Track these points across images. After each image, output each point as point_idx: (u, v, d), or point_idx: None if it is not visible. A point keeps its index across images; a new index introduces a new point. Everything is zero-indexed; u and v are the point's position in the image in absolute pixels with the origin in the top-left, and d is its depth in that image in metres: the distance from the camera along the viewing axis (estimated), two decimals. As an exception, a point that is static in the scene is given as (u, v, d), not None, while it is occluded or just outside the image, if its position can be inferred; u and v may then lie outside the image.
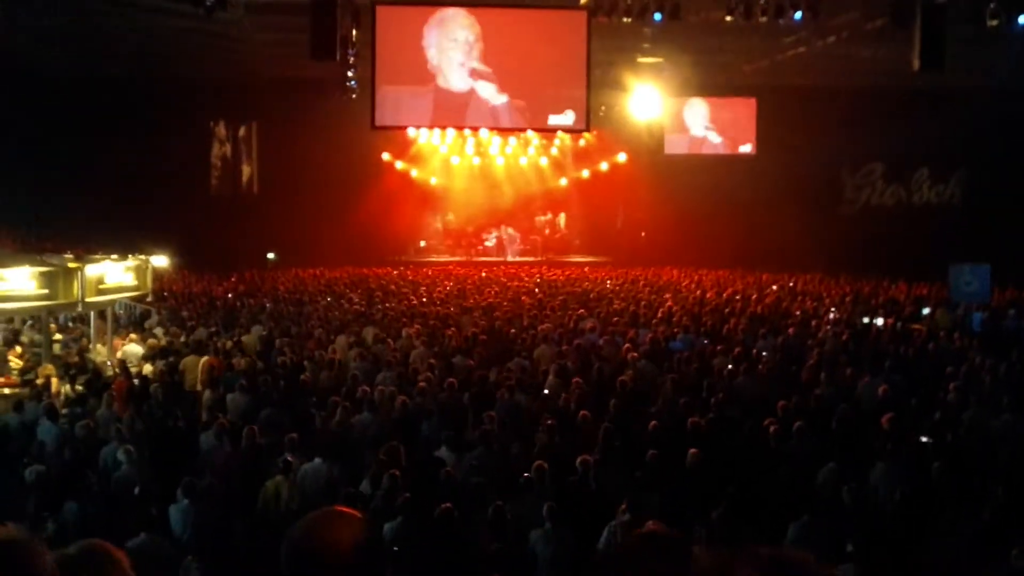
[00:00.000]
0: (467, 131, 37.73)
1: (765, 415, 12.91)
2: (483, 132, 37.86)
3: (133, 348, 19.34)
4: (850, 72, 33.56)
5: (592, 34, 27.05)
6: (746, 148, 40.77)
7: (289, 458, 11.28)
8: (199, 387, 16.08)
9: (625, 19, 25.24)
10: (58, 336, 19.98)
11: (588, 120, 28.87)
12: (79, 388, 16.01)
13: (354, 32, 25.76)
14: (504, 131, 36.19)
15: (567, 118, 28.89)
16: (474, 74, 28.75)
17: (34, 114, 33.26)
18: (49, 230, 33.38)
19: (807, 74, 34.43)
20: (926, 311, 23.69)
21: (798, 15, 24.54)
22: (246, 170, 43.80)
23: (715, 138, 41.22)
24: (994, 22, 23.01)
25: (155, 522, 9.35)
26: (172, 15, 25.64)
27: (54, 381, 16.22)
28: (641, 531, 3.11)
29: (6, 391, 16.52)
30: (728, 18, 24.89)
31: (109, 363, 18.29)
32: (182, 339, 19.67)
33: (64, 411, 14.28)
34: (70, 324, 21.22)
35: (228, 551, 9.10)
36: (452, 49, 28.60)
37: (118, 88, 35.28)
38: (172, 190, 36.61)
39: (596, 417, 12.94)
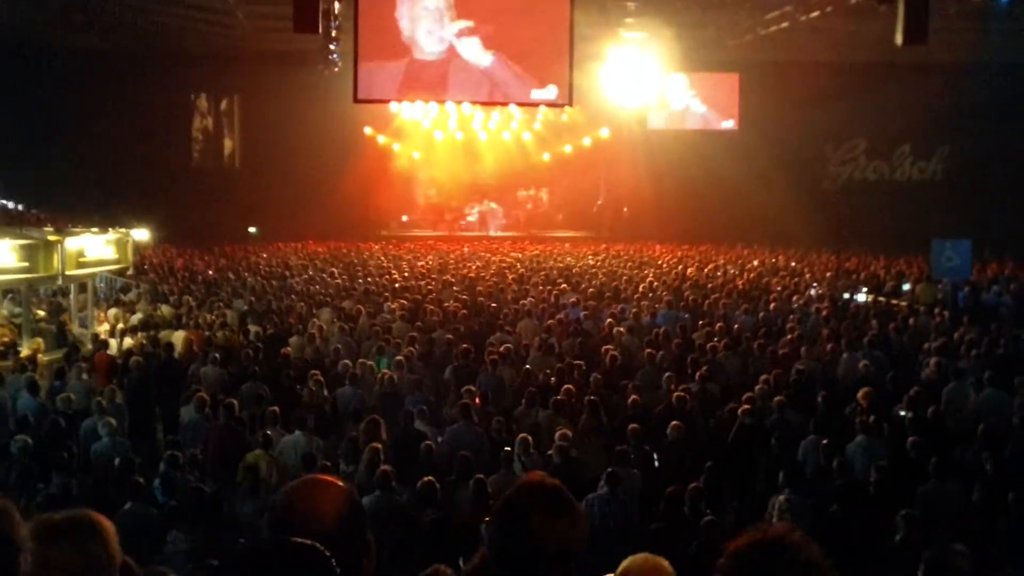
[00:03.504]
0: (449, 105, 37.57)
1: (746, 390, 12.96)
2: (465, 106, 37.70)
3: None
4: (833, 47, 33.50)
5: (575, 7, 26.94)
6: (729, 123, 40.74)
7: (269, 432, 11.26)
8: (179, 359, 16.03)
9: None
10: (40, 311, 19.87)
11: (571, 95, 28.75)
12: (59, 360, 15.95)
13: (336, 5, 25.61)
14: (486, 105, 36.03)
15: (550, 92, 28.76)
16: (456, 45, 28.62)
17: (12, 85, 33.04)
18: (29, 202, 33.25)
19: (790, 49, 34.38)
20: (907, 287, 23.77)
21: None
22: (228, 143, 43.62)
23: (698, 113, 41.17)
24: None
25: (139, 492, 9.33)
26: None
27: (40, 355, 16.15)
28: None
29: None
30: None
31: (89, 336, 18.23)
32: (161, 312, 19.63)
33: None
34: (51, 297, 21.10)
35: (212, 521, 9.08)
36: (429, 19, 28.45)
37: (99, 60, 35.06)
38: (154, 163, 36.51)
39: (579, 391, 12.97)
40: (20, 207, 32.61)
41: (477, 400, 12.75)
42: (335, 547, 2.65)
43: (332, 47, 29.19)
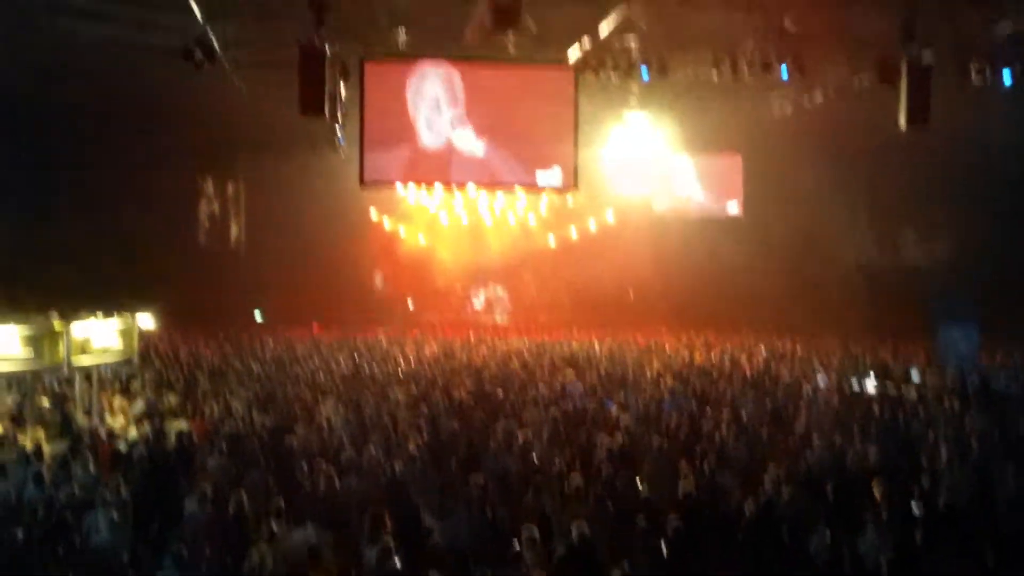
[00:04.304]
0: (455, 188, 37.76)
1: (755, 479, 12.82)
2: (471, 189, 37.91)
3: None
4: (836, 129, 33.66)
5: (579, 91, 27.14)
6: (732, 205, 40.96)
7: (275, 525, 11.12)
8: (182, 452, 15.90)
9: (613, 76, 25.39)
10: (44, 399, 19.78)
11: (576, 178, 28.89)
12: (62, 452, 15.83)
13: (343, 88, 25.81)
14: (491, 188, 36.21)
15: (554, 175, 28.88)
16: (460, 130, 28.80)
17: (20, 166, 33.15)
18: (33, 282, 33.23)
19: (793, 131, 34.55)
20: (915, 373, 23.65)
21: (784, 72, 24.69)
22: (234, 227, 43.78)
23: (701, 195, 41.39)
24: (980, 79, 23.18)
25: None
26: (161, 70, 25.70)
27: (44, 445, 16.03)
28: None
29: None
30: (715, 75, 25.03)
31: (94, 425, 18.12)
32: (167, 401, 19.55)
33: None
34: (55, 385, 21.01)
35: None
36: (438, 105, 28.66)
37: (104, 142, 35.21)
38: (159, 245, 36.55)
39: (586, 481, 12.84)
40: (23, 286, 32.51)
41: (483, 489, 12.61)
42: None
43: (338, 130, 29.39)
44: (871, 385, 22.15)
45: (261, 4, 24.27)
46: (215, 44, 22.04)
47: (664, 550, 11.00)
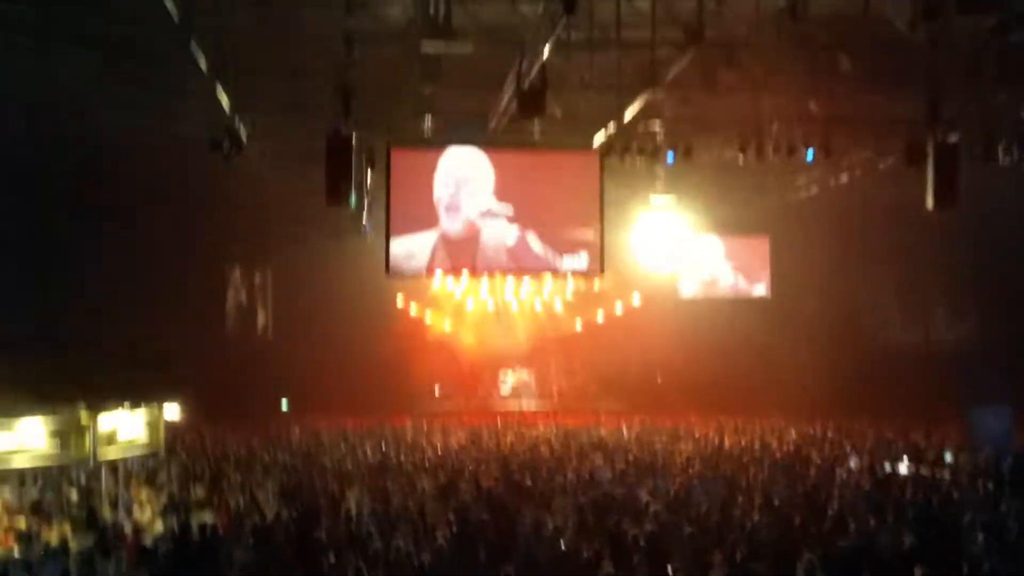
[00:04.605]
0: (479, 275, 37.76)
1: (789, 567, 12.60)
2: (497, 275, 37.89)
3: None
4: (864, 208, 33.61)
5: (605, 175, 27.19)
6: (760, 287, 40.87)
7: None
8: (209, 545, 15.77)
9: (639, 159, 25.45)
10: (72, 492, 19.70)
11: (602, 262, 28.83)
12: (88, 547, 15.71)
13: (368, 175, 25.93)
14: (518, 273, 36.14)
15: (581, 260, 28.81)
16: (487, 217, 28.79)
17: (47, 254, 33.31)
18: (59, 372, 33.23)
19: (820, 212, 34.52)
20: (948, 455, 23.34)
21: (810, 154, 24.70)
22: (261, 315, 43.89)
23: (729, 277, 41.34)
24: (1007, 159, 23.10)
25: None
26: (190, 159, 25.93)
27: (70, 541, 15.92)
28: None
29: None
30: (740, 157, 25.05)
31: (120, 519, 18.01)
32: (194, 493, 19.45)
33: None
34: (81, 479, 20.93)
35: None
36: (463, 192, 28.70)
37: (135, 229, 35.38)
38: (187, 335, 36.55)
39: (617, 570, 12.65)
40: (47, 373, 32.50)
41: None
42: None
43: (364, 217, 29.49)
44: (904, 467, 21.86)
45: (288, 93, 24.56)
46: (242, 134, 22.26)
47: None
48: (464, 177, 28.65)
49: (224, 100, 21.59)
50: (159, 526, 17.20)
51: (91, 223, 33.56)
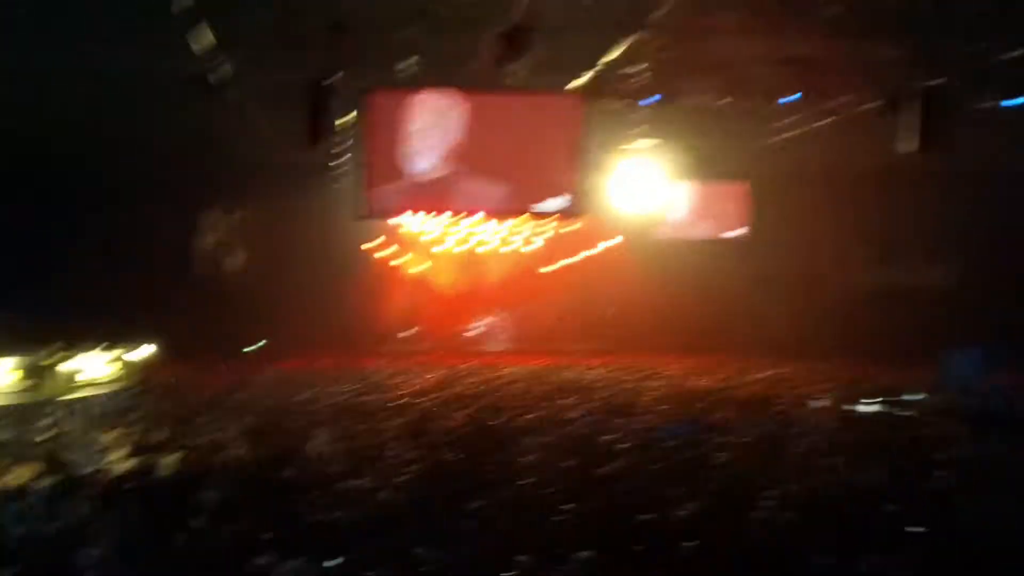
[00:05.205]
0: (455, 217, 37.64)
1: (757, 504, 12.66)
2: (474, 217, 37.77)
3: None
4: (843, 155, 33.57)
5: (587, 118, 27.08)
6: (737, 230, 40.91)
7: (268, 558, 10.96)
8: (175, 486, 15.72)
9: (620, 103, 25.36)
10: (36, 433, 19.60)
11: (581, 205, 28.83)
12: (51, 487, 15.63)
13: (346, 117, 25.75)
14: (497, 216, 36.01)
15: (559, 203, 28.81)
16: (464, 159, 28.66)
17: (18, 199, 33.02)
18: (31, 313, 33.06)
19: (800, 157, 34.43)
20: (917, 396, 23.51)
21: (791, 98, 24.66)
22: (233, 257, 43.64)
23: (706, 222, 41.36)
24: (991, 104, 23.13)
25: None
26: (163, 98, 25.62)
27: (30, 481, 15.83)
28: None
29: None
30: (721, 102, 24.99)
31: (87, 459, 17.93)
32: (164, 435, 19.36)
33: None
34: (49, 418, 20.83)
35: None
36: (441, 134, 28.54)
37: (105, 169, 35.05)
38: (158, 276, 36.35)
39: (586, 509, 12.67)
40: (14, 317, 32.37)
41: (480, 518, 12.46)
42: None
43: (340, 159, 29.32)
44: (872, 408, 22.01)
45: (268, 34, 24.29)
46: (220, 72, 22.01)
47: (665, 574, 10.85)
48: (443, 120, 28.51)
49: (202, 37, 21.30)
50: (127, 466, 17.12)
51: (62, 165, 33.33)
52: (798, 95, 25.48)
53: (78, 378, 17.83)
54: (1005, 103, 24.43)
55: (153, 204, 35.76)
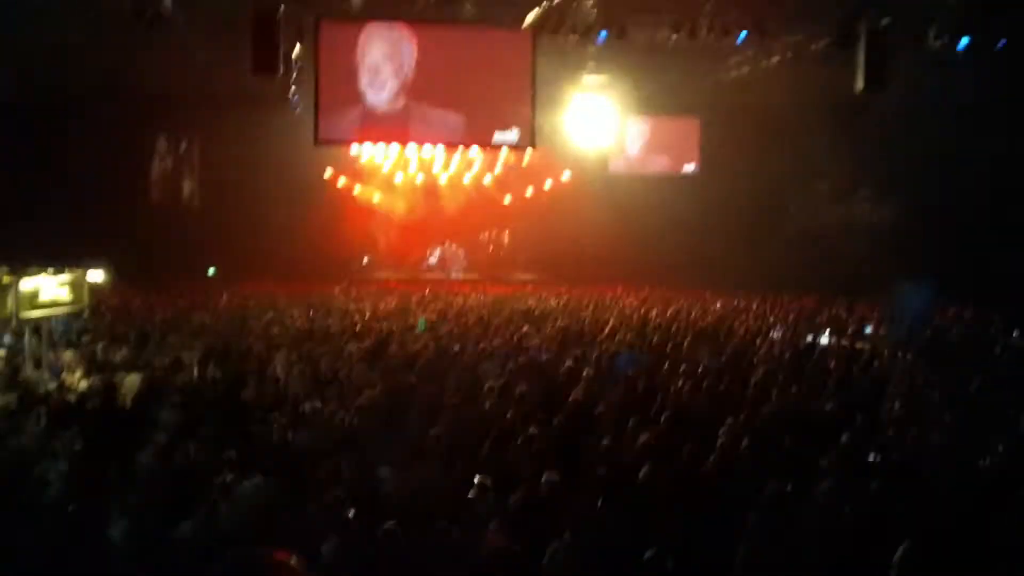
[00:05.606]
0: (411, 148, 37.56)
1: (712, 433, 12.78)
2: (427, 149, 37.70)
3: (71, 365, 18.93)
4: (794, 92, 33.67)
5: (537, 52, 27.00)
6: (690, 167, 41.04)
7: (227, 477, 10.99)
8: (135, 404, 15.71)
9: (571, 39, 25.27)
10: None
11: (533, 137, 28.82)
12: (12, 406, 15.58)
13: (297, 47, 25.54)
14: (448, 146, 35.99)
15: (511, 135, 28.81)
16: (415, 90, 28.59)
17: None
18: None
19: (751, 94, 34.51)
20: (869, 329, 23.78)
21: (742, 36, 24.66)
22: (187, 184, 43.42)
23: (658, 157, 41.47)
24: (938, 43, 23.23)
25: (96, 545, 9.07)
26: (114, 29, 25.27)
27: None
28: None
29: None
30: (674, 38, 24.95)
31: (44, 379, 17.87)
32: (122, 355, 19.30)
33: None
34: (3, 339, 20.69)
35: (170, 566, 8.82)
36: (392, 66, 28.44)
37: (57, 99, 34.71)
38: (111, 203, 36.09)
39: (542, 434, 12.76)
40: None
41: (439, 441, 12.52)
42: None
43: (292, 89, 29.11)
44: (825, 339, 22.24)
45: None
46: (168, 2, 21.72)
47: (623, 500, 10.95)
48: (393, 51, 28.40)
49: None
50: (84, 385, 17.09)
51: (15, 92, 32.90)
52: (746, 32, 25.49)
53: (33, 299, 17.60)
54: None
55: (104, 133, 35.46)
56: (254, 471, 11.30)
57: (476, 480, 10.72)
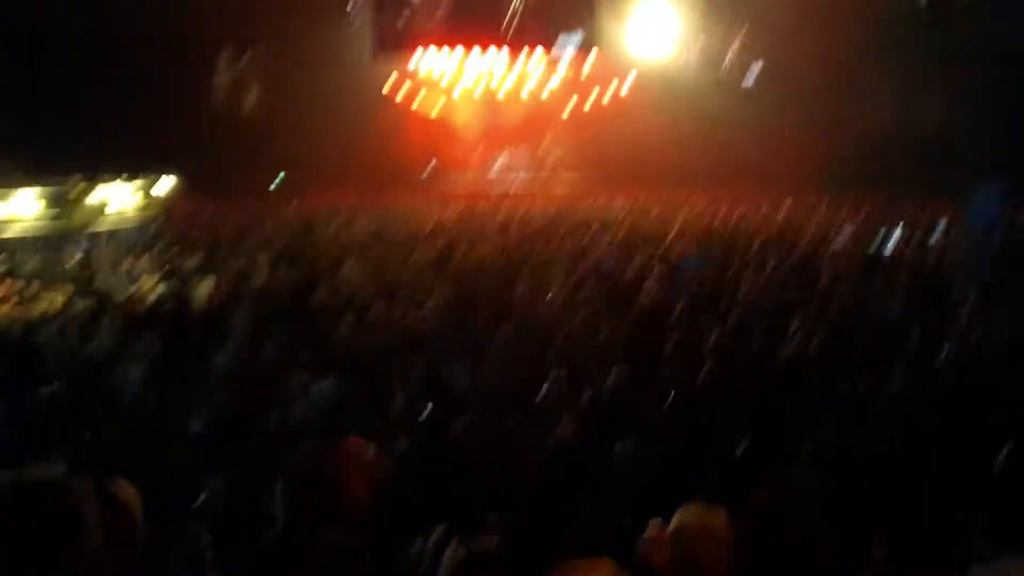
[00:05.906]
0: (470, 54, 37.32)
1: (782, 333, 12.75)
2: (488, 55, 37.45)
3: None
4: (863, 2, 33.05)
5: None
6: (754, 72, 40.70)
7: (301, 376, 11.15)
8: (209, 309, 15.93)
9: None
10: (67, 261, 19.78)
11: (597, 39, 28.62)
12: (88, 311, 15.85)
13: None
14: (511, 49, 35.67)
15: (574, 38, 28.63)
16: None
17: (34, 33, 32.86)
18: (55, 147, 33.18)
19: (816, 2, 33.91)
20: (940, 228, 23.49)
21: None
22: (251, 95, 43.56)
23: (723, 61, 41.09)
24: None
25: (175, 441, 9.26)
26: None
27: (63, 305, 16.05)
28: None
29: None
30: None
31: (119, 285, 18.14)
32: (194, 262, 19.55)
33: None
34: (78, 246, 21.01)
35: (249, 465, 8.96)
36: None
37: (121, 12, 34.82)
38: (178, 112, 36.31)
39: (614, 333, 12.81)
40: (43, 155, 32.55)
41: (510, 339, 12.59)
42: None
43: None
44: (896, 239, 22.00)
45: None
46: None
47: (691, 399, 10.97)
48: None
49: None
50: (158, 291, 17.34)
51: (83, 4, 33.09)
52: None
53: (105, 209, 17.85)
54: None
55: (170, 44, 35.62)
56: (327, 372, 11.44)
57: (551, 375, 10.77)
